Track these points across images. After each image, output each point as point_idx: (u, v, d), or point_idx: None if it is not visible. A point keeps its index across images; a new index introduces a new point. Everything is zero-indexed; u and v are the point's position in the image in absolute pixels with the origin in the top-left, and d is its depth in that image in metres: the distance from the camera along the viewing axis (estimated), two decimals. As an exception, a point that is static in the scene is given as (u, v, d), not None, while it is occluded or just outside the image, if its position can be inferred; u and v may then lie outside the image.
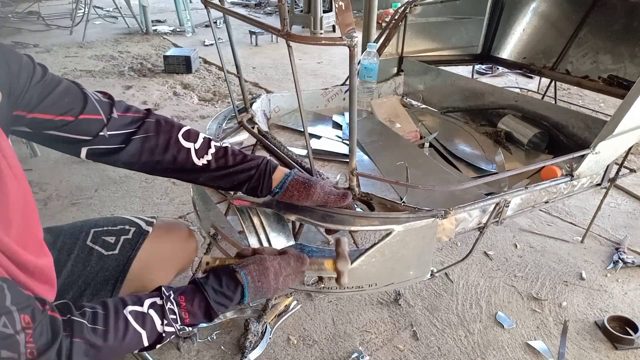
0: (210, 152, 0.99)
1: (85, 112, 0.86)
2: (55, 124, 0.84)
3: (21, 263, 0.74)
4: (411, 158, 1.55)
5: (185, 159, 0.97)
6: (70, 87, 0.86)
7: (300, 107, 1.01)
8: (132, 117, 0.95)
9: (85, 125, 0.87)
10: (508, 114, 1.79)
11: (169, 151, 0.96)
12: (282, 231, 1.13)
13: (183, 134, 0.98)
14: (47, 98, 0.82)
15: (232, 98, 1.51)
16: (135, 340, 0.78)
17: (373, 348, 1.50)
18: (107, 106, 0.91)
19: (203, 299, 0.84)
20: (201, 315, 0.84)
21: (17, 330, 0.64)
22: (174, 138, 0.96)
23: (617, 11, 1.96)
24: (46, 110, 0.82)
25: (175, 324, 0.82)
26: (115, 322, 0.76)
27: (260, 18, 5.24)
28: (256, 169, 1.01)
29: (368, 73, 1.95)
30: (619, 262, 1.89)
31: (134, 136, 0.93)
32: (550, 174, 1.37)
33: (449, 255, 1.94)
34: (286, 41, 0.91)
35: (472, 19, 2.32)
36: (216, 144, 1.01)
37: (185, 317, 0.83)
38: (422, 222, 1.06)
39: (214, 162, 0.99)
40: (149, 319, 0.79)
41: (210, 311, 0.84)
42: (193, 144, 0.98)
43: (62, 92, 0.84)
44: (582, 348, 1.53)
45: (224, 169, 0.99)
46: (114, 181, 2.41)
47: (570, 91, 3.80)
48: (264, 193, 1.03)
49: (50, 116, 0.83)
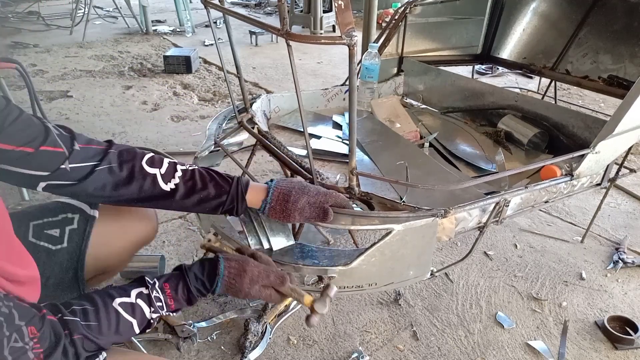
0: (177, 175, 0.97)
1: (47, 144, 0.84)
2: (14, 154, 0.81)
3: (11, 277, 0.75)
4: (411, 158, 1.55)
5: (151, 186, 0.95)
6: (31, 120, 0.84)
7: (300, 107, 1.01)
8: (95, 149, 0.93)
9: (45, 157, 0.85)
10: (508, 114, 1.79)
11: (134, 180, 0.94)
12: (282, 231, 1.13)
13: (147, 160, 0.96)
14: (8, 128, 0.79)
15: (232, 98, 1.51)
16: (128, 329, 0.82)
17: (373, 348, 1.50)
18: (68, 139, 0.89)
19: (185, 285, 0.89)
20: (184, 301, 0.89)
21: (26, 342, 0.66)
22: (137, 166, 0.95)
23: (617, 11, 1.96)
24: (6, 140, 0.79)
25: (161, 311, 0.87)
26: (107, 316, 0.80)
27: (260, 18, 5.23)
28: (227, 194, 1.00)
29: (369, 73, 1.95)
30: (619, 262, 1.89)
31: (97, 167, 0.92)
32: (550, 173, 1.37)
33: (449, 255, 1.94)
34: (286, 41, 0.91)
35: (472, 19, 2.32)
36: (182, 167, 0.99)
37: (170, 303, 0.88)
38: (422, 221, 1.06)
39: (182, 185, 0.97)
40: (138, 309, 0.84)
41: (191, 296, 0.90)
42: (158, 169, 0.96)
43: (23, 123, 0.82)
44: (582, 348, 1.53)
45: (193, 193, 0.98)
46: (114, 181, 2.41)
47: (570, 91, 3.80)
48: (240, 214, 1.04)
49: (11, 146, 0.80)
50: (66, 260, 1.04)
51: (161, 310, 0.87)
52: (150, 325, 0.87)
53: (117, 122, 3.11)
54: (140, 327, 0.84)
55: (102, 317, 0.79)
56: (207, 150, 1.41)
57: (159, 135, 2.93)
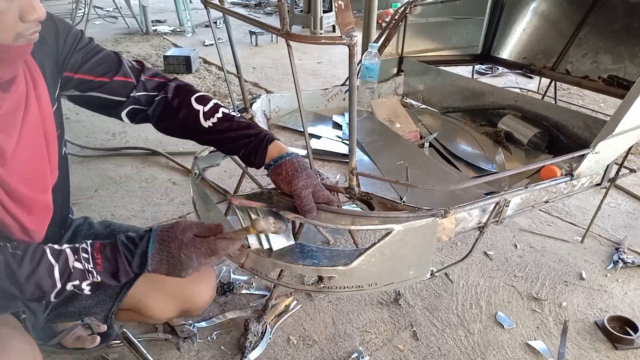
0: (217, 115, 1.07)
1: (119, 75, 1.04)
2: (95, 84, 1.03)
3: (14, 194, 0.86)
4: (411, 158, 1.55)
5: (194, 120, 1.07)
6: (109, 54, 1.05)
7: (300, 107, 1.01)
8: (157, 81, 1.11)
9: (118, 86, 1.04)
10: (508, 114, 1.79)
11: (181, 112, 1.08)
12: (282, 231, 1.12)
13: (196, 97, 1.09)
14: (89, 62, 1.01)
15: (232, 98, 1.51)
16: (48, 271, 0.83)
17: (373, 348, 1.50)
18: (137, 71, 1.08)
19: (114, 244, 0.89)
20: (112, 259, 0.88)
21: None
22: (187, 101, 1.08)
23: (617, 11, 1.97)
24: (88, 72, 1.01)
25: (86, 263, 0.86)
26: (34, 252, 0.84)
27: (260, 18, 5.24)
28: (255, 137, 1.06)
29: (369, 73, 1.95)
30: (619, 262, 1.89)
31: (156, 97, 1.09)
32: (550, 173, 1.37)
33: (449, 255, 1.94)
34: (286, 41, 0.91)
35: (472, 19, 2.32)
36: (224, 110, 1.09)
37: (97, 257, 0.87)
38: (421, 221, 1.06)
39: (218, 124, 1.07)
40: (63, 255, 0.86)
41: (117, 255, 0.88)
42: (202, 107, 1.08)
43: (101, 58, 1.03)
44: (582, 348, 1.53)
45: (226, 131, 1.07)
46: (114, 181, 2.41)
47: (570, 91, 3.80)
48: (257, 162, 1.06)
49: (91, 77, 1.02)
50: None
51: (86, 263, 0.86)
52: (69, 278, 0.85)
53: (117, 122, 3.08)
54: (62, 275, 0.84)
55: (29, 251, 0.83)
56: (207, 150, 1.41)
57: (159, 135, 2.88)
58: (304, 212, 1.00)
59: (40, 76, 0.92)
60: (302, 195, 0.99)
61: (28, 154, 0.89)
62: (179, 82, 1.13)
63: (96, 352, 1.41)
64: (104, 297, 1.13)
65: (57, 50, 0.96)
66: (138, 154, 2.69)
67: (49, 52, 0.95)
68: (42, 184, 0.95)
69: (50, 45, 0.95)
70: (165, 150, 2.69)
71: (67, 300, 1.11)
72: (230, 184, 2.37)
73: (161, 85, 1.11)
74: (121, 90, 1.05)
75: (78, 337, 1.38)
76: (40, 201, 0.94)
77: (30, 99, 0.90)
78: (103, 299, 1.13)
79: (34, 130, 0.90)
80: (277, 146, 1.06)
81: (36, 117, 0.91)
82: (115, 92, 1.05)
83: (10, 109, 0.85)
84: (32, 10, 0.77)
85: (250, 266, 1.11)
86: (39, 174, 0.94)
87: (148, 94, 1.09)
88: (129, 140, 2.86)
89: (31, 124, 0.90)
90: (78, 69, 1.00)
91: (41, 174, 0.94)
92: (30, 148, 0.90)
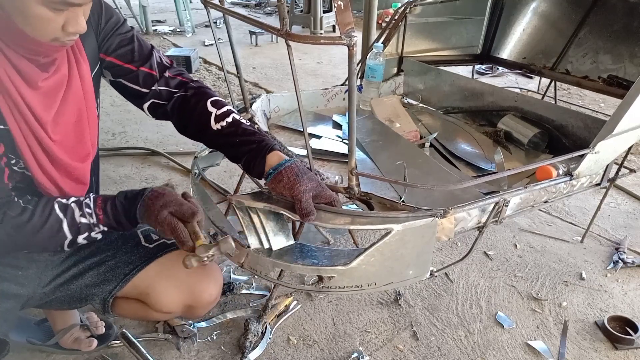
0: (227, 120, 1.09)
1: (145, 66, 1.10)
2: (123, 71, 1.08)
3: (55, 159, 0.96)
4: (411, 158, 1.55)
5: (205, 122, 1.10)
6: (143, 46, 1.11)
7: (300, 107, 1.01)
8: (180, 80, 1.15)
9: (142, 77, 1.10)
10: (508, 114, 1.79)
11: (196, 111, 1.11)
12: (282, 231, 1.13)
13: (212, 101, 1.11)
14: (122, 48, 1.07)
15: (232, 98, 1.51)
16: (57, 226, 0.93)
17: (373, 348, 1.50)
18: (163, 67, 1.13)
19: (112, 200, 0.98)
20: (112, 216, 0.97)
21: None
22: (203, 102, 1.11)
23: (617, 11, 1.97)
24: (118, 57, 1.07)
25: (90, 218, 0.95)
26: (43, 207, 0.92)
27: (260, 18, 5.24)
28: (256, 144, 1.07)
29: (372, 73, 1.95)
30: (619, 262, 1.89)
31: (175, 94, 1.13)
32: (545, 174, 1.36)
33: (448, 255, 1.94)
34: (286, 41, 0.91)
35: (472, 19, 2.32)
36: (235, 116, 1.11)
37: (99, 213, 0.96)
38: (421, 221, 1.06)
39: (225, 129, 1.09)
40: (70, 210, 0.94)
41: (116, 212, 0.97)
42: (216, 110, 1.10)
43: (134, 47, 1.08)
44: (582, 348, 1.53)
45: (231, 137, 1.09)
46: (114, 181, 2.41)
47: (570, 91, 3.80)
48: (256, 171, 1.06)
49: (120, 62, 1.08)
50: (139, 256, 1.16)
51: (90, 218, 0.95)
52: (79, 232, 0.94)
53: (117, 122, 3.11)
54: (70, 228, 0.94)
55: (39, 206, 0.92)
56: (207, 150, 1.42)
57: (159, 135, 2.93)
58: (303, 215, 1.00)
59: (84, 55, 1.00)
60: (303, 200, 0.99)
61: (69, 128, 0.99)
62: (201, 84, 1.16)
63: (96, 352, 1.41)
64: (110, 277, 1.13)
65: (98, 30, 1.03)
66: (138, 154, 2.69)
67: (91, 31, 1.02)
68: (82, 153, 1.04)
69: (93, 24, 1.02)
70: (165, 150, 2.69)
71: (71, 279, 1.12)
72: (230, 184, 2.37)
73: (183, 83, 1.15)
74: (144, 81, 1.10)
75: (75, 338, 1.37)
76: (79, 169, 1.03)
77: (73, 78, 0.98)
78: (108, 278, 1.13)
79: (75, 106, 1.00)
80: (277, 155, 1.05)
81: (79, 95, 1.00)
82: (138, 82, 1.10)
83: (53, 86, 0.94)
84: (75, 24, 0.84)
85: (250, 266, 1.11)
86: (80, 145, 1.03)
87: (169, 89, 1.13)
88: (129, 140, 2.87)
89: (73, 101, 0.99)
90: (112, 52, 1.07)
91: (82, 145, 1.04)
92: (72, 123, 0.99)
